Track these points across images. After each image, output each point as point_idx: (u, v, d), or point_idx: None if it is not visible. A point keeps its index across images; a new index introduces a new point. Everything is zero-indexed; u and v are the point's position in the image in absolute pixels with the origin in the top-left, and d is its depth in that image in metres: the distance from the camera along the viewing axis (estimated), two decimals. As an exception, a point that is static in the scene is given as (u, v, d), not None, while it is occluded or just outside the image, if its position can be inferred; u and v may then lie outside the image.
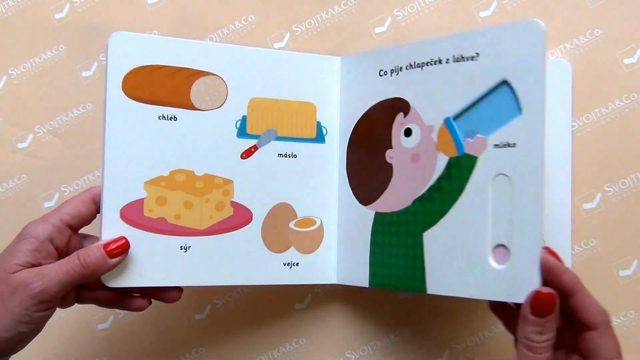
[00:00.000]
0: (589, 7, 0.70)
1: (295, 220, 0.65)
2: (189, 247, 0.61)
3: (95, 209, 0.60)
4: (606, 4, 0.70)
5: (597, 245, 0.69)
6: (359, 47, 0.72)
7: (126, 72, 0.60)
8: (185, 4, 0.73)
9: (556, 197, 0.68)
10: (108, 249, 0.57)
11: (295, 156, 0.65)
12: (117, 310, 0.72)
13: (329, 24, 0.73)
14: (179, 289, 0.62)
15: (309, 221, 0.65)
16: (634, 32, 0.69)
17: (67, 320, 0.71)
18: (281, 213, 0.65)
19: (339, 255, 0.67)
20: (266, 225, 0.64)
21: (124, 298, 0.61)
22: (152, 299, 0.62)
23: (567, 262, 0.68)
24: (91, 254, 0.57)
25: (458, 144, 0.58)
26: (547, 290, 0.51)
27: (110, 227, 0.59)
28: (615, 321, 0.68)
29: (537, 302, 0.51)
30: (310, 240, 0.66)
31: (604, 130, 0.69)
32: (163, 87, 0.61)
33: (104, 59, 0.73)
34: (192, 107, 0.62)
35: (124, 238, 0.59)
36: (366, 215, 0.65)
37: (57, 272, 0.55)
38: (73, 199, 0.60)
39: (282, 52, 0.69)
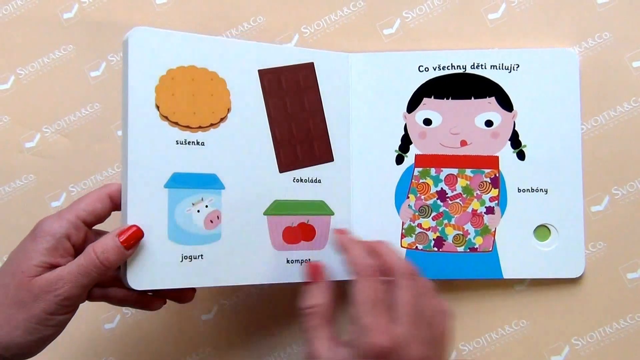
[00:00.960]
0: (597, 10, 0.70)
1: None
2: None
3: (111, 206, 0.59)
4: (615, 7, 0.70)
5: (605, 248, 0.69)
6: (368, 49, 0.72)
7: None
8: (194, 4, 0.73)
9: (566, 199, 0.68)
10: (125, 241, 0.56)
11: None
12: (124, 310, 0.72)
13: (338, 25, 0.73)
14: (193, 288, 0.62)
15: None
16: (643, 36, 0.70)
17: (73, 320, 0.70)
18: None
19: None
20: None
21: (139, 297, 0.61)
22: (166, 300, 0.62)
23: (580, 264, 0.68)
24: (110, 250, 0.55)
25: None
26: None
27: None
28: (622, 324, 0.69)
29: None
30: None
31: (612, 133, 0.69)
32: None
33: (113, 58, 0.73)
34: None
35: (137, 227, 0.57)
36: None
37: (77, 275, 0.54)
38: (88, 195, 0.59)
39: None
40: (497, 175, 0.69)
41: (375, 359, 0.51)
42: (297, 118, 0.66)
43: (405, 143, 0.69)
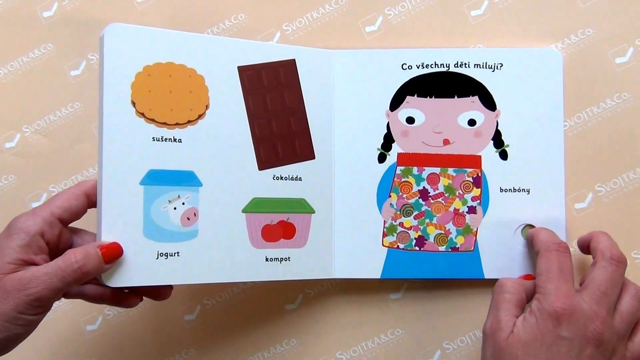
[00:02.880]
0: (580, 6, 0.70)
1: None
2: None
3: (87, 203, 0.59)
4: (598, 3, 0.70)
5: (589, 245, 0.69)
6: (350, 46, 0.71)
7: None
8: (175, 2, 0.73)
9: (549, 199, 0.68)
10: (105, 255, 0.56)
11: None
12: (105, 312, 0.72)
13: (320, 22, 0.72)
14: (169, 286, 0.62)
15: None
16: (626, 31, 0.69)
17: (55, 322, 0.71)
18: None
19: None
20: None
21: (115, 295, 0.60)
22: (143, 296, 0.62)
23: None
24: (90, 261, 0.55)
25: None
26: None
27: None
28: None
29: None
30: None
31: (596, 130, 0.69)
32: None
33: (93, 57, 0.73)
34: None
35: (118, 244, 0.58)
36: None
37: (52, 278, 0.54)
38: (64, 192, 0.59)
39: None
40: (480, 174, 0.68)
41: (554, 321, 0.55)
42: (278, 115, 0.65)
43: (388, 141, 0.69)
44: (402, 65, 0.69)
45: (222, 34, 0.72)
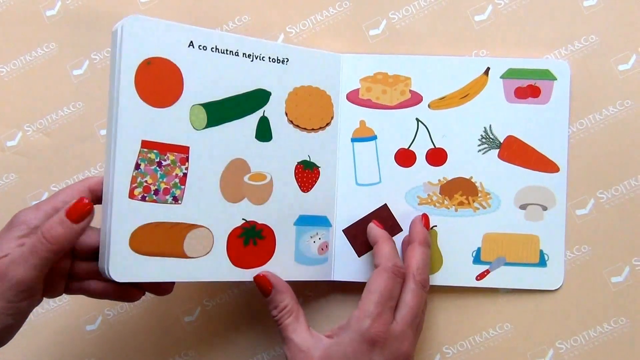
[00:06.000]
0: (584, 13, 0.70)
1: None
2: None
3: (91, 199, 0.57)
4: (601, 10, 0.70)
5: (589, 252, 0.69)
6: (354, 50, 0.71)
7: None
8: (178, 2, 0.73)
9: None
10: (69, 213, 0.53)
11: None
12: (105, 312, 0.71)
13: (324, 25, 0.72)
14: (172, 282, 0.62)
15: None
16: (629, 38, 0.69)
17: (54, 321, 0.70)
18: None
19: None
20: None
21: (118, 289, 0.60)
22: (145, 291, 0.62)
23: (559, 276, 0.68)
24: (55, 225, 0.53)
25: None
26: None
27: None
28: (606, 328, 0.69)
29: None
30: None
31: (598, 137, 0.69)
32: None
33: (96, 57, 0.73)
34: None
35: (86, 200, 0.54)
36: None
37: (26, 256, 0.52)
38: (68, 187, 0.58)
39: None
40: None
41: (368, 344, 0.58)
42: None
43: None
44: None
45: (225, 36, 0.72)
